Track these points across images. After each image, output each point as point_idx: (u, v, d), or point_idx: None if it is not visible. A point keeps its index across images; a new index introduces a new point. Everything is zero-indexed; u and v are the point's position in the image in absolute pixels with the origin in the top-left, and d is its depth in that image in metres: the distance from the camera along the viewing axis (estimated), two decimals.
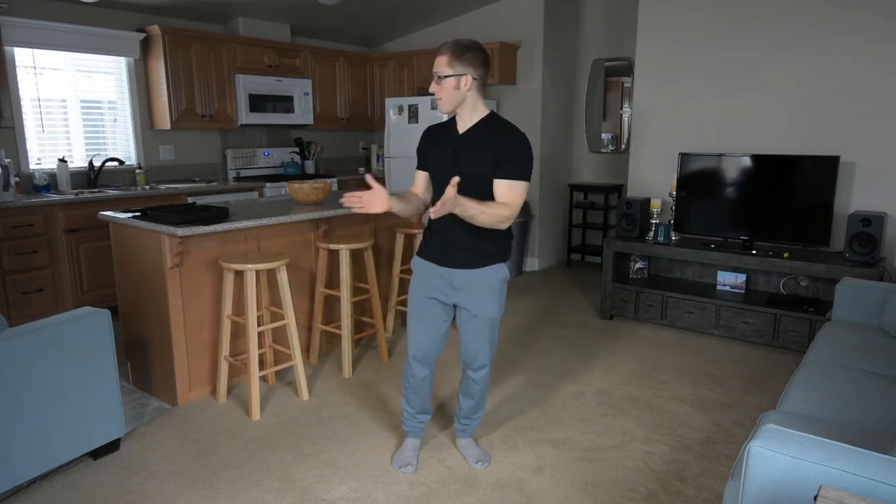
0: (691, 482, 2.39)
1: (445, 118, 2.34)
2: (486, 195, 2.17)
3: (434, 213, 2.00)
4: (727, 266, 4.15)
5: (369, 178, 2.08)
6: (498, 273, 2.27)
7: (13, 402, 2.14)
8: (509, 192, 2.16)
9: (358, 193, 2.07)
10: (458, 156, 2.22)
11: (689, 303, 4.06)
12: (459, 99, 2.17)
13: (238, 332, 3.22)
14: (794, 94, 3.97)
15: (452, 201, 1.98)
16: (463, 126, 2.25)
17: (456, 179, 1.98)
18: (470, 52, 2.14)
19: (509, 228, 2.25)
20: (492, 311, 2.28)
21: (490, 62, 2.27)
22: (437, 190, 2.29)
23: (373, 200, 2.05)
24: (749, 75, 4.11)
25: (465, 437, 2.61)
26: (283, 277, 2.99)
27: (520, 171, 2.19)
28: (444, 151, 2.26)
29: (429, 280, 2.32)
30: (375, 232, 3.94)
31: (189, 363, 3.05)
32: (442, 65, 2.14)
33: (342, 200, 2.10)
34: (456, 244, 2.25)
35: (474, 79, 2.15)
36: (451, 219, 2.15)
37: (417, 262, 2.38)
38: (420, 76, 6.00)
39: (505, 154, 2.18)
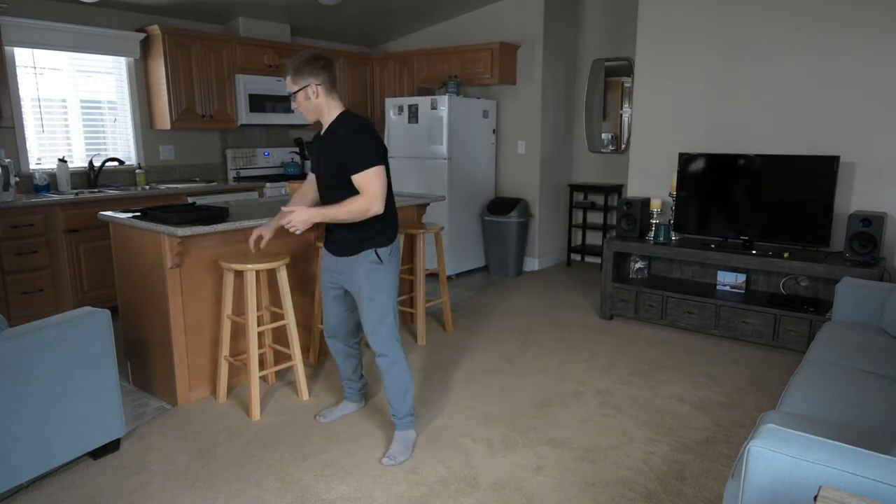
0: (691, 482, 2.39)
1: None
2: (348, 190, 2.39)
3: (295, 230, 2.41)
4: (727, 266, 4.15)
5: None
6: (367, 258, 2.49)
7: (13, 402, 2.14)
8: (362, 184, 2.36)
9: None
10: (319, 159, 2.51)
11: (689, 303, 4.06)
12: (316, 107, 2.44)
13: (238, 332, 3.22)
14: (794, 94, 3.97)
15: (302, 223, 2.38)
16: (324, 130, 2.50)
17: (287, 209, 2.40)
18: (306, 65, 2.38)
19: (380, 216, 2.44)
20: (366, 292, 2.49)
21: (332, 65, 2.45)
22: (318, 185, 2.59)
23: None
24: (749, 75, 4.11)
25: (396, 429, 2.66)
26: (283, 277, 2.99)
27: (361, 162, 2.35)
28: (315, 156, 2.56)
29: (327, 266, 2.64)
30: None
31: (189, 363, 3.05)
32: (289, 84, 2.42)
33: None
34: (336, 236, 2.56)
35: (318, 84, 2.40)
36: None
37: (323, 253, 2.69)
38: (420, 76, 6.00)
39: (345, 152, 2.37)
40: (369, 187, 2.34)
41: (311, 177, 2.70)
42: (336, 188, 2.42)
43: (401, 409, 2.60)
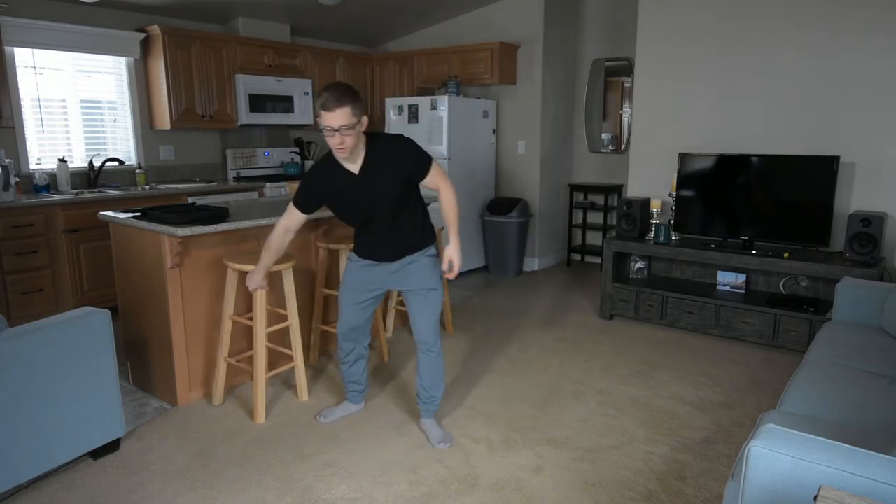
0: (691, 482, 2.39)
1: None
2: (409, 203, 2.46)
3: (453, 275, 2.50)
4: (727, 266, 4.15)
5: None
6: (428, 252, 2.57)
7: (13, 402, 2.14)
8: (435, 178, 2.44)
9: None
10: (358, 192, 2.40)
11: (689, 303, 4.06)
12: (358, 140, 2.31)
13: (236, 333, 3.21)
14: (794, 94, 3.97)
15: (458, 259, 2.49)
16: (354, 165, 2.38)
17: (447, 259, 2.48)
18: (357, 94, 2.26)
19: (429, 221, 2.60)
20: (431, 283, 2.55)
21: None
22: (356, 223, 2.53)
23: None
24: (749, 75, 4.11)
25: (428, 416, 2.76)
26: (288, 279, 2.98)
27: (424, 164, 2.42)
28: (348, 197, 2.42)
29: (367, 276, 2.60)
30: None
31: (189, 363, 3.05)
32: (347, 116, 2.20)
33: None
34: (394, 242, 2.51)
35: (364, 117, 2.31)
36: (389, 231, 2.48)
37: (356, 265, 2.62)
38: (420, 76, 6.00)
39: (407, 165, 2.39)
40: (441, 176, 2.45)
41: (299, 216, 2.51)
42: (402, 209, 2.44)
43: (438, 397, 2.73)
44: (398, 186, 2.39)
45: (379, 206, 2.41)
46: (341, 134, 2.21)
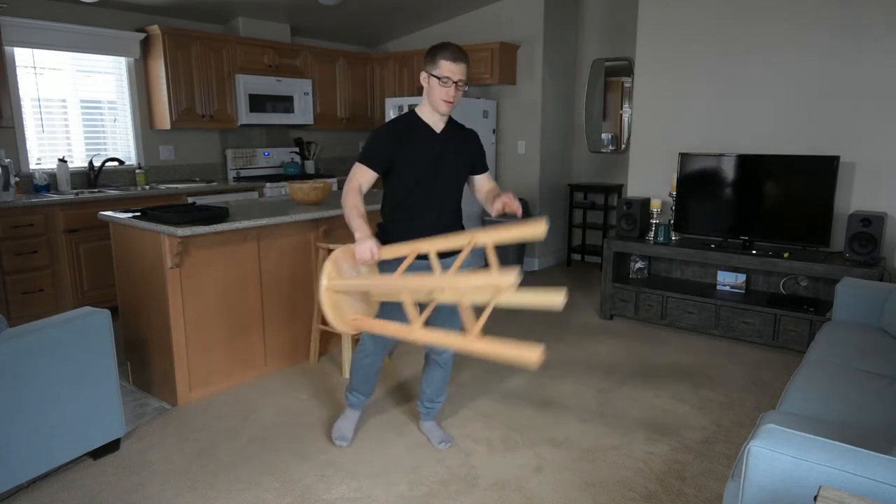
0: (691, 482, 2.39)
1: (437, 116, 2.38)
2: (461, 192, 2.49)
3: (512, 208, 2.27)
4: (727, 266, 4.15)
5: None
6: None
7: (13, 402, 2.14)
8: (489, 179, 2.56)
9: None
10: (437, 149, 2.36)
11: (689, 303, 4.06)
12: None
13: (239, 322, 3.21)
14: (794, 94, 3.97)
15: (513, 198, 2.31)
16: (439, 126, 2.39)
17: (503, 203, 2.29)
18: None
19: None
20: None
21: None
22: (417, 188, 2.36)
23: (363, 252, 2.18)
24: (749, 75, 4.11)
25: (429, 419, 2.75)
26: None
27: (485, 158, 2.56)
28: (428, 151, 2.35)
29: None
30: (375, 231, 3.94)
31: (189, 363, 3.05)
32: (466, 72, 2.30)
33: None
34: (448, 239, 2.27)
35: None
36: (437, 217, 2.39)
37: (413, 268, 2.29)
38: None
39: (477, 151, 2.51)
40: (492, 180, 2.58)
41: (370, 174, 2.32)
42: (455, 188, 2.45)
43: (441, 402, 2.74)
44: (465, 167, 2.45)
45: (449, 171, 2.38)
46: (458, 87, 2.28)
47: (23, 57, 4.31)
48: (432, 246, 2.15)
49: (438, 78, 2.26)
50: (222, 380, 3.20)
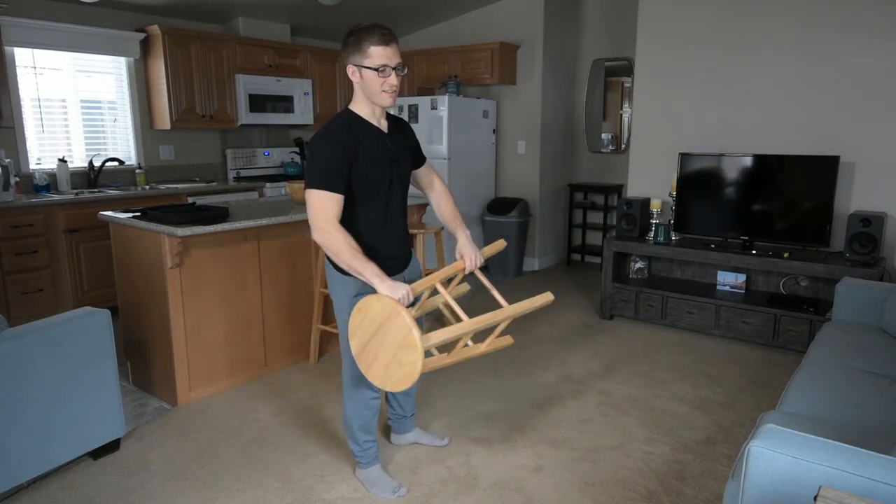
0: (691, 482, 2.39)
1: (386, 114, 2.15)
2: (407, 187, 2.22)
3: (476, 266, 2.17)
4: (727, 266, 4.15)
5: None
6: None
7: (13, 402, 2.14)
8: (431, 170, 2.36)
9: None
10: (387, 149, 2.06)
11: (689, 303, 4.06)
12: None
13: (241, 324, 3.21)
14: (794, 94, 3.97)
15: (474, 250, 2.21)
16: (382, 122, 2.09)
17: (462, 256, 2.18)
18: None
19: None
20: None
21: None
22: (381, 196, 2.06)
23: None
24: (749, 75, 4.11)
25: (410, 430, 2.66)
26: None
27: (422, 150, 2.36)
28: (383, 153, 2.04)
29: None
30: None
31: (189, 363, 3.05)
32: (399, 52, 2.02)
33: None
34: (404, 247, 2.27)
35: None
36: (402, 222, 2.21)
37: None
38: (420, 76, 6.00)
39: (414, 139, 2.28)
40: (434, 170, 2.37)
41: (337, 199, 1.95)
42: (406, 190, 2.15)
43: (414, 413, 2.69)
44: (411, 161, 2.21)
45: (404, 170, 2.14)
46: (398, 73, 1.98)
47: (23, 57, 4.31)
48: (437, 278, 2.06)
49: (374, 69, 1.95)
50: (222, 380, 3.20)
